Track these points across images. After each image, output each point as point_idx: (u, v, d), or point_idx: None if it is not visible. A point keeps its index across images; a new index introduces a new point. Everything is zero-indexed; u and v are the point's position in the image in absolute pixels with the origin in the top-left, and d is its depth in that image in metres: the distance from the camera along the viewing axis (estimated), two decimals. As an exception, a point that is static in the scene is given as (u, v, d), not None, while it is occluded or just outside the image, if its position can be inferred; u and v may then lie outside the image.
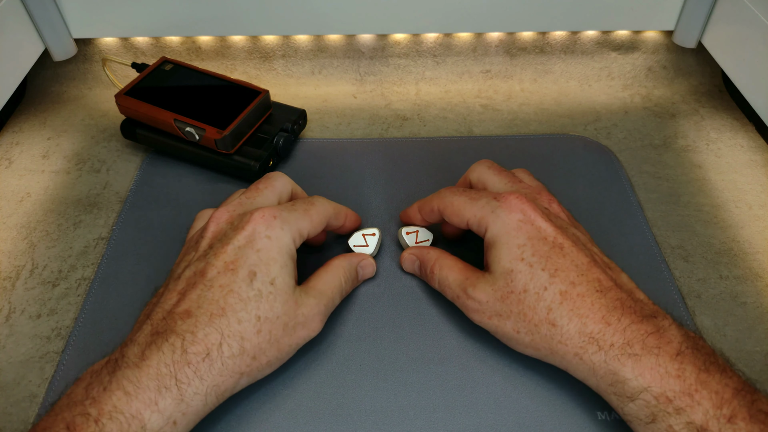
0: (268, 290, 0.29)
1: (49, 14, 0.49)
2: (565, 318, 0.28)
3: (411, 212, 0.38)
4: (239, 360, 0.28)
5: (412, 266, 0.37)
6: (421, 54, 0.55)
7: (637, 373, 0.26)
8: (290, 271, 0.31)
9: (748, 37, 0.45)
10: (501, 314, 0.31)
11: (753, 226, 0.42)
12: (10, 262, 0.40)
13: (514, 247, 0.30)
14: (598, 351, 0.27)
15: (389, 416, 0.31)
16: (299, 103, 0.52)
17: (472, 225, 0.33)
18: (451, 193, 0.35)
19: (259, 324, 0.29)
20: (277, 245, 0.30)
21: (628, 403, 0.27)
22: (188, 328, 0.27)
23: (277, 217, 0.31)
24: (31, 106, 0.53)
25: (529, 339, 0.30)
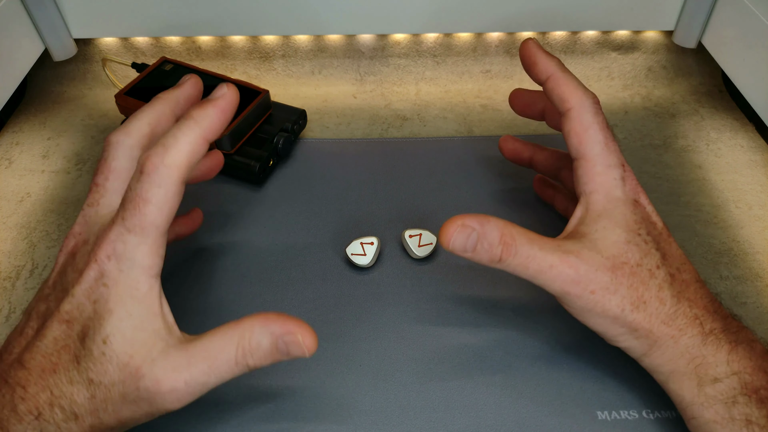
0: (99, 350, 0.24)
1: (49, 14, 0.49)
2: (675, 298, 0.28)
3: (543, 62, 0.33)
4: (74, 424, 0.24)
5: (466, 241, 0.28)
6: (421, 54, 0.55)
7: (732, 359, 0.27)
8: (137, 323, 0.25)
9: (748, 37, 0.45)
10: (608, 287, 0.28)
11: (753, 226, 0.42)
12: (10, 262, 0.40)
13: (632, 221, 0.29)
14: (699, 334, 0.28)
15: (389, 416, 0.31)
16: (299, 103, 0.52)
17: (583, 169, 0.30)
18: (593, 112, 0.30)
19: (92, 388, 0.24)
20: (114, 293, 0.25)
21: (710, 384, 0.27)
22: (19, 380, 0.24)
23: (112, 255, 0.25)
24: (31, 106, 0.53)
25: (632, 318, 0.28)
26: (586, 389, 0.32)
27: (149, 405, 0.24)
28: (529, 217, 0.42)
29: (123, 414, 0.24)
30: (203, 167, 0.35)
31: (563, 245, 0.28)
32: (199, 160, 0.26)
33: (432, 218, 0.42)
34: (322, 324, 0.35)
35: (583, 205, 0.30)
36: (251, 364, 0.25)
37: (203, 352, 0.25)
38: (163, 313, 0.26)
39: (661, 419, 0.31)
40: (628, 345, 0.29)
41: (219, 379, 0.25)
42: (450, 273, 0.38)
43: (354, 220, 0.42)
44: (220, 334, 0.25)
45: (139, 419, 0.25)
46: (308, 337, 0.25)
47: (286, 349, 0.25)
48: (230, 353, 0.24)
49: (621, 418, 0.31)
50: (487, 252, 0.28)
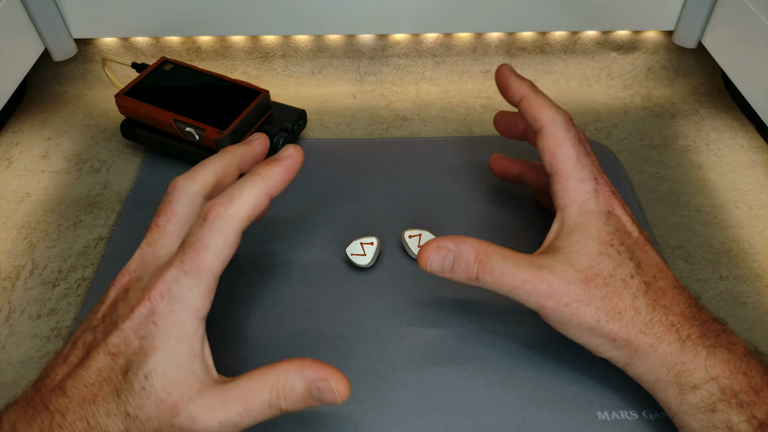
0: (140, 385, 0.25)
1: (49, 14, 0.49)
2: (650, 307, 0.28)
3: (513, 85, 0.33)
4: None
5: (442, 262, 0.29)
6: (421, 54, 0.55)
7: (709, 364, 0.27)
8: (179, 361, 0.25)
9: (748, 37, 0.45)
10: (582, 299, 0.28)
11: (753, 226, 0.42)
12: (10, 262, 0.40)
13: (604, 233, 0.30)
14: (676, 341, 0.28)
15: (389, 416, 0.31)
16: (299, 103, 0.52)
17: (558, 183, 0.31)
18: (563, 128, 0.31)
19: (128, 421, 0.24)
20: (162, 332, 0.25)
21: (691, 392, 0.27)
22: (59, 407, 0.25)
23: (165, 296, 0.26)
24: (31, 106, 0.53)
25: (609, 328, 0.28)
26: (586, 389, 0.32)
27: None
28: (528, 217, 0.42)
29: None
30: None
31: (537, 261, 0.29)
32: (260, 213, 0.27)
33: (432, 218, 0.42)
34: (322, 324, 0.35)
35: (558, 219, 0.31)
36: (284, 408, 0.25)
37: (239, 393, 0.25)
38: (203, 355, 0.26)
39: (661, 419, 0.31)
40: (611, 355, 0.30)
41: (252, 420, 0.25)
42: (450, 273, 0.38)
43: (354, 220, 0.42)
44: (256, 376, 0.25)
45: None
46: (342, 385, 0.25)
47: (319, 395, 0.25)
48: (265, 396, 0.25)
49: (621, 418, 0.31)
50: (464, 271, 0.29)
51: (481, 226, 0.41)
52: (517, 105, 0.34)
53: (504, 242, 0.40)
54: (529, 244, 0.40)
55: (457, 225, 0.41)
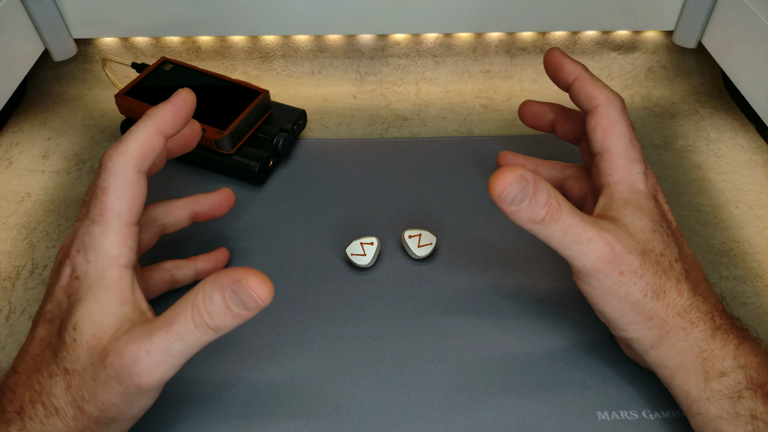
0: (71, 338, 0.25)
1: (49, 14, 0.49)
2: (690, 292, 0.29)
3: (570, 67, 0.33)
4: (57, 419, 0.24)
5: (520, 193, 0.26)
6: (421, 54, 0.55)
7: (739, 353, 0.27)
8: (103, 307, 0.25)
9: (748, 37, 0.45)
10: (636, 271, 0.28)
11: (753, 226, 0.42)
12: (10, 262, 0.40)
13: (656, 215, 0.30)
14: (709, 328, 0.28)
15: (389, 416, 0.31)
16: (299, 103, 0.52)
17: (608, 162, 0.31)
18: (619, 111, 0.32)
19: (68, 378, 0.24)
20: (85, 284, 0.26)
21: (717, 378, 0.27)
22: (10, 384, 0.25)
23: (80, 249, 0.26)
24: (31, 106, 0.53)
25: (651, 305, 0.28)
26: (586, 389, 0.32)
27: (119, 382, 0.24)
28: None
29: (100, 399, 0.24)
30: (179, 139, 0.33)
31: (601, 222, 0.28)
32: (156, 150, 0.27)
33: (432, 218, 0.42)
34: (322, 324, 0.35)
35: (606, 195, 0.31)
36: (211, 324, 0.24)
37: (163, 320, 0.24)
38: (135, 301, 0.26)
39: (661, 419, 0.31)
40: (638, 336, 0.29)
41: (183, 344, 0.24)
42: (450, 273, 0.38)
43: (354, 220, 0.42)
44: (179, 301, 0.24)
45: (119, 404, 0.24)
46: (255, 282, 0.23)
47: (238, 300, 0.23)
48: (186, 315, 0.24)
49: (621, 418, 0.31)
50: (531, 211, 0.26)
51: (481, 226, 0.41)
52: (569, 85, 0.33)
53: (505, 242, 0.40)
54: (530, 243, 0.40)
55: (457, 225, 0.41)
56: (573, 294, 0.37)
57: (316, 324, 0.36)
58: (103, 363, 0.24)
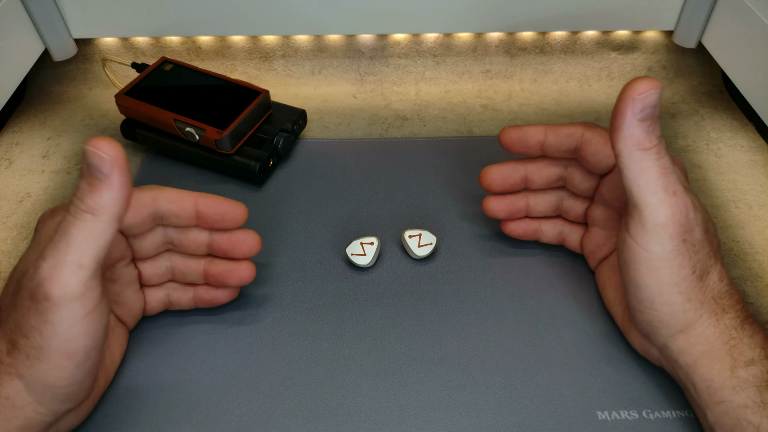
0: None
1: (49, 14, 0.49)
2: (725, 281, 0.29)
3: (533, 130, 0.33)
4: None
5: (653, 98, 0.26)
6: (421, 54, 0.55)
7: (766, 344, 0.28)
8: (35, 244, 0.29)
9: (748, 37, 0.45)
10: (695, 244, 0.28)
11: (753, 226, 0.42)
12: (10, 262, 0.40)
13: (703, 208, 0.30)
14: (738, 317, 0.29)
15: (389, 416, 0.31)
16: (299, 103, 0.52)
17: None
18: (604, 128, 0.32)
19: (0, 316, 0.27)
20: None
21: (744, 367, 0.27)
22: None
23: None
24: (31, 106, 0.53)
25: (694, 285, 0.28)
26: (586, 389, 0.32)
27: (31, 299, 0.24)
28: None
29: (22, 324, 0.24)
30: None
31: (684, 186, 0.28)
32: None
33: (432, 218, 0.42)
34: (322, 324, 0.35)
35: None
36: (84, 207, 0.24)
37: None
38: None
39: (661, 419, 0.31)
40: (669, 319, 0.29)
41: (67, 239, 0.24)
42: (450, 273, 0.38)
43: (354, 220, 0.42)
44: None
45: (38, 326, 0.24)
46: (96, 142, 0.23)
47: (91, 169, 0.24)
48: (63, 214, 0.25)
49: (621, 418, 0.31)
50: (647, 134, 0.26)
51: (482, 227, 0.41)
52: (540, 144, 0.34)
53: (505, 242, 0.40)
54: (530, 243, 0.40)
55: (457, 225, 0.41)
56: (573, 294, 0.37)
57: (316, 324, 0.36)
58: (19, 286, 0.25)
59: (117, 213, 0.24)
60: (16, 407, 0.25)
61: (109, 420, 0.31)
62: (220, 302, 0.35)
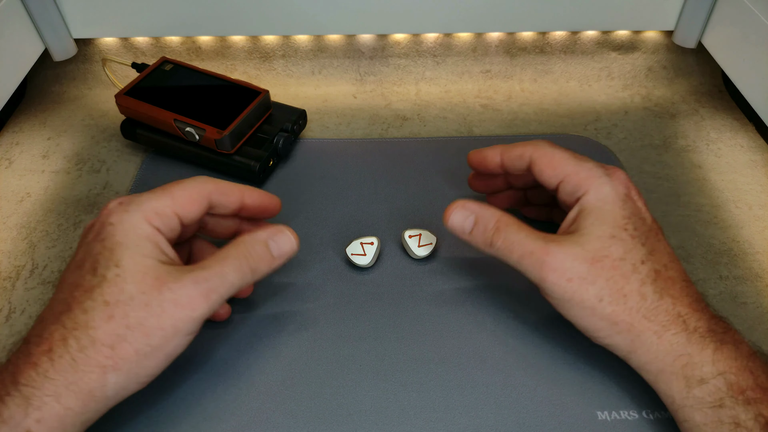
0: (113, 273, 0.27)
1: (49, 14, 0.49)
2: (657, 294, 0.28)
3: (489, 153, 0.35)
4: (92, 351, 0.25)
5: (463, 222, 0.32)
6: (421, 54, 0.55)
7: (717, 359, 0.27)
8: (144, 251, 0.28)
9: (748, 37, 0.45)
10: (586, 278, 0.28)
11: (753, 226, 0.42)
12: (10, 262, 0.40)
13: (619, 216, 0.30)
14: (683, 332, 0.28)
15: (389, 416, 0.31)
16: (299, 103, 0.52)
17: (568, 183, 0.31)
18: (550, 145, 0.33)
19: (110, 309, 0.26)
20: (120, 229, 0.28)
21: (698, 386, 0.27)
22: (36, 332, 0.26)
23: (122, 202, 0.29)
24: (31, 106, 0.53)
25: (611, 310, 0.28)
26: (586, 389, 0.32)
27: (176, 307, 0.27)
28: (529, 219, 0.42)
29: (149, 323, 0.26)
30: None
31: (548, 236, 0.30)
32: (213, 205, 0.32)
33: (432, 218, 0.42)
34: (322, 324, 0.35)
35: (575, 208, 0.31)
36: (253, 267, 0.29)
37: (208, 262, 0.28)
38: (170, 257, 0.29)
39: (661, 419, 0.31)
40: (612, 342, 0.29)
41: (226, 282, 0.28)
42: (450, 273, 0.38)
43: (354, 220, 0.42)
44: (223, 250, 0.29)
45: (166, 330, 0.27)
46: (289, 232, 0.31)
47: (276, 246, 0.30)
48: (233, 257, 0.29)
49: (621, 418, 0.31)
50: (482, 234, 0.31)
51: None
52: (499, 165, 0.35)
53: (504, 242, 0.40)
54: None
55: (457, 225, 0.41)
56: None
57: (316, 324, 0.36)
58: (161, 290, 0.27)
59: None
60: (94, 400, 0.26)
61: (109, 420, 0.31)
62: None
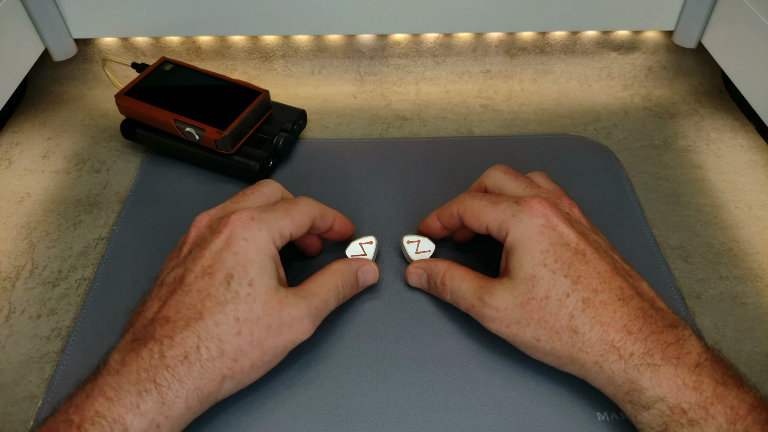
0: (246, 292, 0.29)
1: (49, 14, 0.49)
2: (588, 325, 0.28)
3: (429, 221, 0.38)
4: (219, 362, 0.27)
5: (419, 281, 0.36)
6: (421, 54, 0.55)
7: (655, 383, 0.26)
8: (270, 272, 0.30)
9: (748, 37, 0.45)
10: (520, 322, 0.30)
11: (753, 226, 0.42)
12: (10, 262, 0.40)
13: (536, 253, 0.30)
14: (619, 360, 0.28)
15: (389, 416, 0.31)
16: (299, 103, 0.52)
17: (492, 230, 0.33)
18: (470, 198, 0.34)
19: (239, 325, 0.28)
20: (254, 246, 0.30)
21: (643, 411, 0.27)
22: (166, 333, 0.27)
23: (254, 218, 0.31)
24: (31, 106, 0.53)
25: (550, 347, 0.29)
26: (585, 390, 0.32)
27: (291, 331, 0.30)
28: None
29: (267, 344, 0.29)
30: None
31: (486, 286, 0.32)
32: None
33: (432, 218, 0.42)
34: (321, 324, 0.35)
35: (504, 250, 0.33)
36: (345, 295, 0.34)
37: (315, 288, 0.32)
38: (281, 278, 0.32)
39: (661, 419, 0.31)
40: (566, 371, 0.30)
41: (328, 307, 0.32)
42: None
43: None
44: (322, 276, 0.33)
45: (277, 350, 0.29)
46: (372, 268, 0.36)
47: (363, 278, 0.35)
48: (335, 287, 0.33)
49: (620, 419, 0.31)
50: (434, 289, 0.36)
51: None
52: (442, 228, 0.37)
53: (504, 242, 0.40)
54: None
55: (457, 225, 0.41)
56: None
57: (316, 324, 0.36)
58: (279, 314, 0.29)
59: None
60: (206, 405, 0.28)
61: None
62: None
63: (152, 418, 0.25)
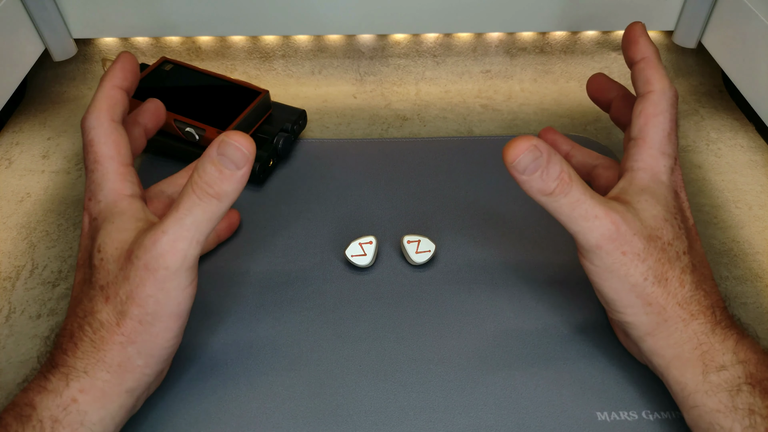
0: (98, 259, 0.29)
1: (49, 14, 0.49)
2: (693, 285, 0.29)
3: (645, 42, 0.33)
4: (104, 332, 0.27)
5: (532, 162, 0.26)
6: (421, 54, 0.55)
7: (738, 349, 0.28)
8: (121, 225, 0.29)
9: (748, 37, 0.45)
10: (639, 254, 0.28)
11: (753, 227, 0.42)
12: (10, 262, 0.40)
13: (671, 207, 0.30)
14: (709, 322, 0.28)
15: (389, 416, 0.31)
16: (299, 103, 0.52)
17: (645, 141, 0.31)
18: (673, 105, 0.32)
19: (104, 292, 0.28)
20: (101, 217, 0.30)
21: (716, 372, 0.27)
22: (62, 326, 0.29)
23: (91, 197, 0.31)
24: (31, 106, 0.53)
25: (651, 290, 0.29)
26: (586, 389, 0.32)
27: (147, 269, 0.27)
28: (528, 217, 0.42)
29: (136, 294, 0.27)
30: (148, 115, 0.37)
31: (610, 203, 0.29)
32: (119, 100, 0.32)
33: (432, 219, 0.42)
34: (322, 324, 0.35)
35: (627, 179, 0.31)
36: (212, 192, 0.26)
37: (171, 208, 0.27)
38: (147, 218, 0.30)
39: (661, 420, 0.31)
40: (635, 320, 0.29)
41: (192, 216, 0.27)
42: (449, 273, 0.38)
43: (353, 221, 0.42)
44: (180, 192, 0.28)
45: (155, 294, 0.27)
46: (235, 137, 0.26)
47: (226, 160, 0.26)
48: (188, 191, 0.27)
49: (621, 418, 0.31)
50: (542, 182, 0.27)
51: (481, 227, 0.41)
52: (635, 63, 0.33)
53: (504, 241, 0.40)
54: (528, 243, 0.40)
55: (457, 225, 0.41)
56: (572, 295, 0.37)
57: (316, 324, 0.36)
58: (130, 259, 0.27)
59: (234, 200, 0.28)
60: (128, 371, 0.28)
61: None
62: None
63: (62, 392, 0.26)
